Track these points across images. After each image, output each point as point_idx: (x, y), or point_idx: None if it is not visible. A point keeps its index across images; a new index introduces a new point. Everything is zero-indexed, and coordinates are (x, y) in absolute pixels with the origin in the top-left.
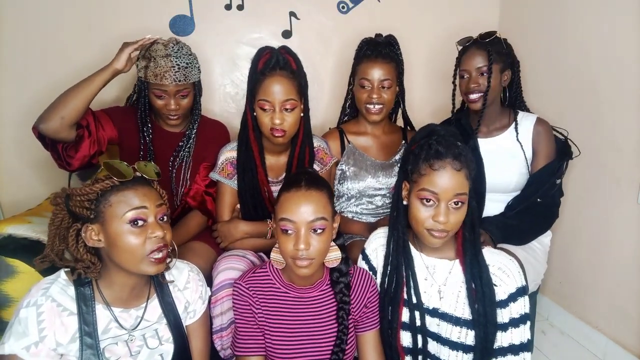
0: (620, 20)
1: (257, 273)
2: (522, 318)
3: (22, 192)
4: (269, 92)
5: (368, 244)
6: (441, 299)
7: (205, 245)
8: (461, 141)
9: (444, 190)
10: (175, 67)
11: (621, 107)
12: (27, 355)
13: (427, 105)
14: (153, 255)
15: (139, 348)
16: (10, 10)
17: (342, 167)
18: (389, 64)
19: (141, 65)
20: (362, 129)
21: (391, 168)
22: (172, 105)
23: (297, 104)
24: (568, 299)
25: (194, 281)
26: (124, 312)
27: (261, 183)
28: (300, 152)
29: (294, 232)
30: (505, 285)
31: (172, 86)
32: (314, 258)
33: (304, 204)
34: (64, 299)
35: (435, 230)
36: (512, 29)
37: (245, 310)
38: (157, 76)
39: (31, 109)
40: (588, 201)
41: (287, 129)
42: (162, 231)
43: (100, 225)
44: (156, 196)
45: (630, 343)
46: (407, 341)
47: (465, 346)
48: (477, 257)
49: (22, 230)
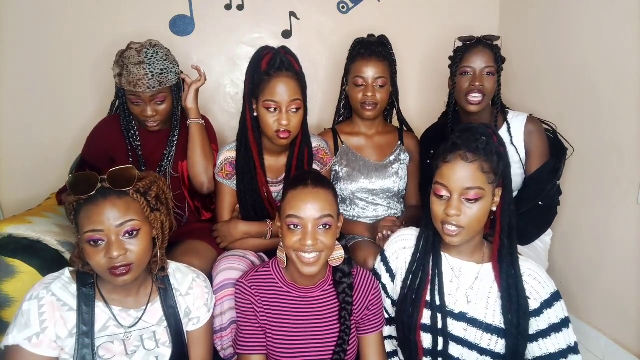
0: (621, 21)
1: (260, 272)
2: (563, 322)
3: (22, 192)
4: (275, 92)
5: (388, 246)
6: (469, 303)
7: (205, 245)
8: (489, 136)
9: (453, 182)
10: (148, 75)
11: (621, 107)
12: (29, 346)
13: (424, 105)
14: (112, 270)
15: (135, 348)
16: (10, 9)
17: (336, 167)
18: (383, 63)
19: (115, 73)
20: (355, 129)
21: (385, 169)
22: (148, 112)
23: (302, 104)
24: (568, 298)
25: (199, 288)
26: (122, 311)
27: (260, 184)
28: (300, 153)
29: (301, 228)
30: (537, 293)
31: (147, 94)
32: (323, 251)
33: (311, 201)
34: (65, 295)
35: (447, 224)
36: (512, 30)
37: (248, 309)
38: (130, 84)
39: (31, 110)
40: (588, 201)
41: (292, 129)
42: (120, 251)
43: (79, 235)
44: (120, 211)
45: (630, 343)
46: (428, 343)
47: (495, 354)
48: (514, 266)
49: (22, 230)
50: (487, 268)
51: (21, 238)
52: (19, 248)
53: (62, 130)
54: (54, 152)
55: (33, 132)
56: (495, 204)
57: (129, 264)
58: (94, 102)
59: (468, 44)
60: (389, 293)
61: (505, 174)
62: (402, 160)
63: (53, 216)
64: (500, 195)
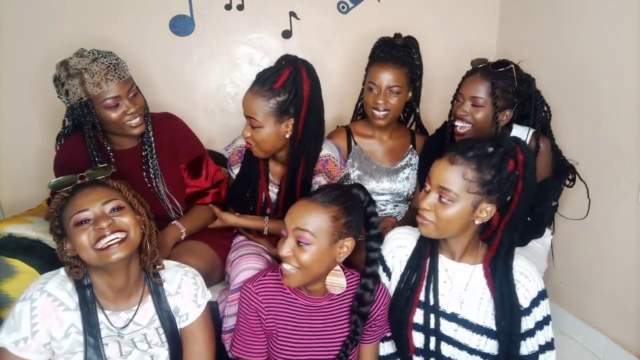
0: (621, 21)
1: (269, 276)
2: (545, 319)
3: (22, 192)
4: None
5: (384, 245)
6: (462, 305)
7: (204, 245)
8: (504, 150)
9: (432, 177)
10: (111, 67)
11: (621, 107)
12: (16, 349)
13: (422, 105)
14: (97, 246)
15: (130, 349)
16: (10, 9)
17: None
18: (400, 69)
19: (74, 86)
20: (369, 132)
21: (396, 174)
22: (131, 109)
23: (263, 123)
24: (568, 298)
25: (187, 285)
26: (113, 314)
27: (260, 189)
28: (297, 159)
29: (285, 235)
30: (527, 291)
31: (120, 85)
32: (299, 268)
33: (297, 209)
34: (61, 293)
35: (420, 215)
36: (512, 30)
37: (252, 316)
38: (99, 84)
39: (31, 110)
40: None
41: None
42: (107, 221)
43: (67, 237)
44: (103, 194)
45: (630, 343)
46: (419, 342)
47: (484, 354)
48: (507, 276)
49: (22, 230)
50: (479, 269)
51: (21, 238)
52: (19, 248)
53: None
54: (54, 153)
55: (33, 132)
56: (480, 218)
57: (123, 231)
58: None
59: (471, 70)
60: None
61: (508, 192)
62: (413, 165)
63: None
64: (509, 213)
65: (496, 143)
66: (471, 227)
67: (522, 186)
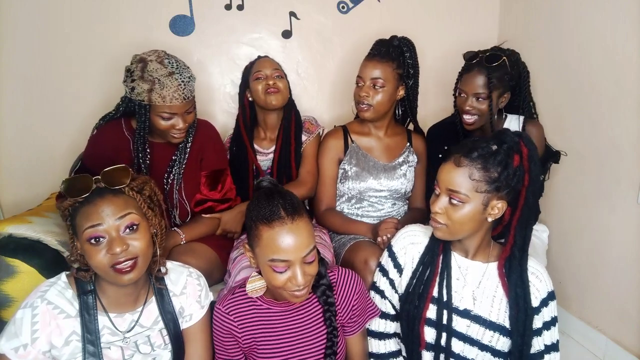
0: (620, 21)
1: (237, 294)
2: (553, 320)
3: (22, 192)
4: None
5: (396, 241)
6: (475, 302)
7: (204, 246)
8: (508, 147)
9: (441, 181)
10: (182, 85)
11: (621, 107)
12: (15, 356)
13: (421, 104)
14: (117, 267)
15: (132, 352)
16: (10, 9)
17: (345, 166)
18: (385, 63)
19: (142, 89)
20: (365, 130)
21: (394, 170)
22: (180, 125)
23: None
24: (568, 299)
25: (192, 286)
26: (118, 317)
27: (250, 160)
28: (288, 117)
29: (289, 268)
30: (538, 292)
31: (182, 104)
32: (309, 285)
33: (295, 238)
34: (61, 301)
35: (432, 218)
36: (511, 30)
37: (226, 338)
38: (165, 98)
39: (31, 110)
40: (588, 201)
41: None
42: (122, 246)
43: (77, 238)
44: (119, 206)
45: (630, 343)
46: (430, 337)
47: (495, 350)
48: (522, 278)
49: (22, 230)
50: (493, 267)
51: (21, 238)
52: (19, 248)
53: (62, 130)
54: (54, 152)
55: (33, 132)
56: (492, 215)
57: (134, 258)
58: (94, 102)
59: (467, 65)
60: (396, 288)
61: (517, 188)
62: (410, 162)
63: (53, 216)
64: (518, 208)
65: (499, 140)
66: (484, 225)
67: (529, 179)
